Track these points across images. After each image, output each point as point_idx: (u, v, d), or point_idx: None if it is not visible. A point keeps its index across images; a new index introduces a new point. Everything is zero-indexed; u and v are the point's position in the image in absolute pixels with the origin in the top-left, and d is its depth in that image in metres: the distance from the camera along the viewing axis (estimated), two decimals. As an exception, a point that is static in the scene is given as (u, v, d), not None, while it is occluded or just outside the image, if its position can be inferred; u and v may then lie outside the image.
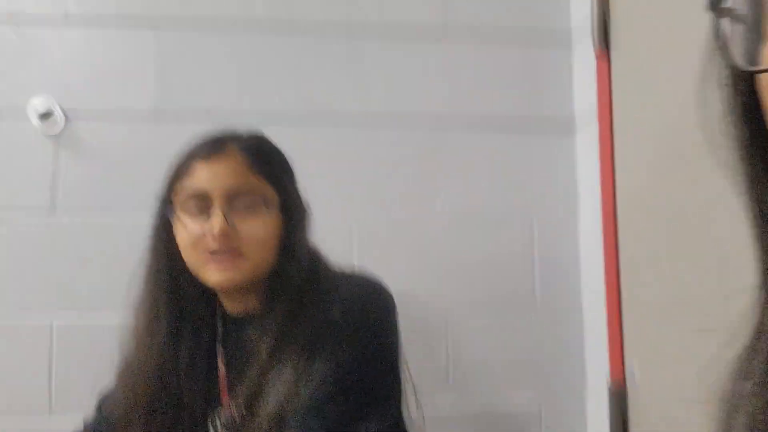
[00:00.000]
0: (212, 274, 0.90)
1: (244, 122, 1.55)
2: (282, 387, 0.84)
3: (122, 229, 1.45)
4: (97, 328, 1.41)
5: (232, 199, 0.90)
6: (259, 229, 0.91)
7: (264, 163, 0.95)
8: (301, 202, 0.99)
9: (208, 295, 0.96)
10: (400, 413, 0.92)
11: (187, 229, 0.92)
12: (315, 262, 0.96)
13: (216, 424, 0.93)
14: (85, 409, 1.21)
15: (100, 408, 1.04)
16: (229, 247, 0.89)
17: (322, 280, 0.93)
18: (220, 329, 0.98)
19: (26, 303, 1.49)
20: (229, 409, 0.91)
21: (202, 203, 0.91)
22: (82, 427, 1.05)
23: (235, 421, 0.89)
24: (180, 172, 0.94)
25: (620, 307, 1.50)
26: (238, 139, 0.96)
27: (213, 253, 0.89)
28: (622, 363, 1.50)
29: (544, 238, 1.71)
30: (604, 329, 1.56)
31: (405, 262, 1.65)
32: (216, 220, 0.89)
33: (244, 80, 1.59)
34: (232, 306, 0.97)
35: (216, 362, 0.97)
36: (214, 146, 0.94)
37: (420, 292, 1.65)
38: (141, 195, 1.42)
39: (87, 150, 1.52)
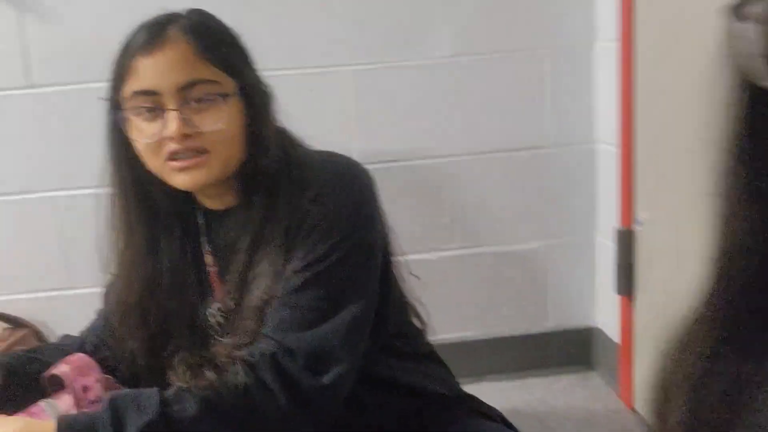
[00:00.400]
0: (178, 177, 0.83)
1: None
2: (261, 280, 0.83)
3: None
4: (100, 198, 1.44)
5: (185, 93, 0.81)
6: (220, 122, 0.81)
7: (213, 45, 0.83)
8: (260, 83, 0.88)
9: (183, 193, 0.90)
10: (384, 293, 0.89)
11: (143, 134, 0.83)
12: (286, 148, 0.88)
13: (215, 317, 0.91)
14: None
15: (105, 299, 1.02)
16: (191, 146, 0.81)
17: (295, 167, 0.86)
18: (202, 224, 0.93)
19: (25, 182, 1.52)
20: (223, 301, 0.89)
21: (154, 103, 0.82)
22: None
23: (228, 314, 0.88)
24: (123, 71, 0.83)
25: (632, 152, 1.44)
26: (177, 21, 0.83)
27: (175, 155, 0.81)
28: (631, 208, 1.47)
29: (558, 77, 1.60)
30: (615, 173, 1.52)
31: (409, 115, 1.58)
32: (172, 121, 0.80)
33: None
34: (209, 202, 0.92)
35: (203, 256, 0.93)
36: (154, 35, 0.82)
37: (426, 145, 1.60)
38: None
39: (52, 17, 1.44)
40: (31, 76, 1.46)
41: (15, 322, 1.53)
